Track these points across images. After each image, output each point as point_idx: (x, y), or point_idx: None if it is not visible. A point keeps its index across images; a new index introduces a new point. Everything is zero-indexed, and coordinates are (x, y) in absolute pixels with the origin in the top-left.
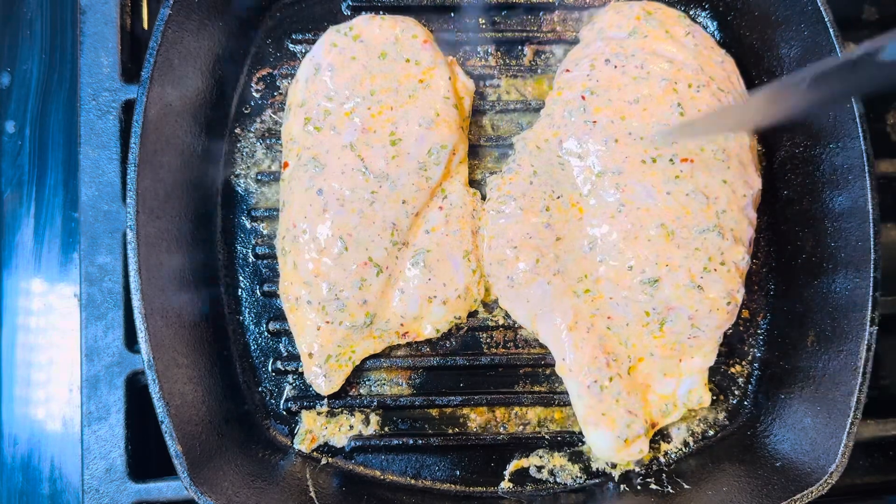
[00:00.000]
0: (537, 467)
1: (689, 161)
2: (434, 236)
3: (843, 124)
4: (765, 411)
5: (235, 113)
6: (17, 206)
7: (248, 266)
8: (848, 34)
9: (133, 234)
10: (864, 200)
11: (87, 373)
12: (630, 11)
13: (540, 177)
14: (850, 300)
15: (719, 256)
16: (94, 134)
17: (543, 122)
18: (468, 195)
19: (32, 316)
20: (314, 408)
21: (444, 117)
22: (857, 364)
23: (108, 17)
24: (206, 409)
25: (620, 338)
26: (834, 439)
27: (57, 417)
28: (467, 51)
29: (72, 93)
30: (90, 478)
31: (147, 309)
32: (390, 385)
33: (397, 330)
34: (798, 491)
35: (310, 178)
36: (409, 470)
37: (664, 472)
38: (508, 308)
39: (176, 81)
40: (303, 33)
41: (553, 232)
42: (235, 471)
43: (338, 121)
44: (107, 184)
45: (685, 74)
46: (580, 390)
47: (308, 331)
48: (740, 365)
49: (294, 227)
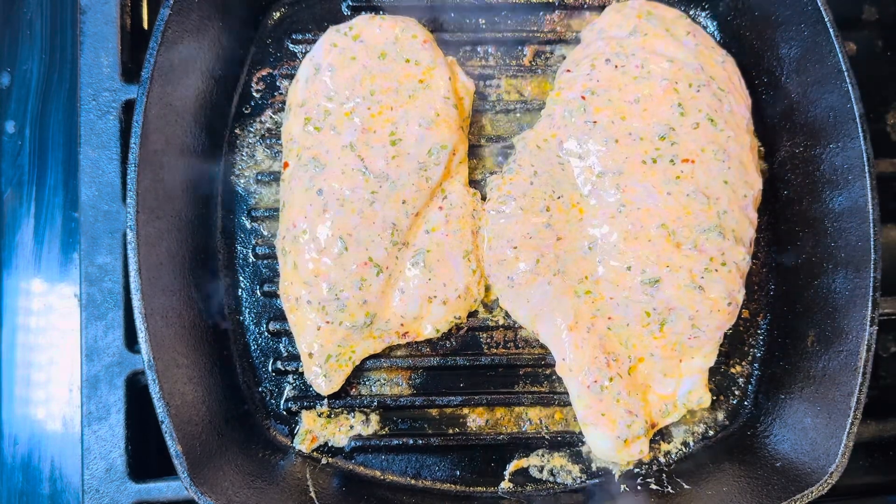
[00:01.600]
0: (537, 467)
1: (690, 161)
2: (434, 236)
3: (843, 124)
4: (765, 411)
5: (235, 113)
6: (17, 206)
7: (248, 266)
8: (848, 34)
9: (133, 234)
10: (864, 200)
11: (87, 373)
12: (630, 11)
13: (540, 177)
14: (850, 300)
15: (720, 257)
16: (94, 134)
17: (544, 123)
18: (468, 195)
19: (32, 316)
20: (314, 408)
21: (444, 117)
22: (857, 364)
23: (108, 17)
24: (206, 409)
25: (621, 338)
26: (834, 439)
27: (57, 417)
28: (467, 51)
29: (72, 93)
30: (90, 478)
31: (147, 309)
32: (390, 385)
33: (397, 330)
34: (798, 491)
35: (310, 178)
36: (409, 470)
37: (664, 472)
38: (509, 308)
39: (176, 81)
40: (303, 33)
41: (553, 232)
42: (235, 471)
43: (338, 121)
44: (107, 184)
45: (686, 74)
46: (580, 390)
47: (308, 331)
48: (740, 365)
49: (294, 227)
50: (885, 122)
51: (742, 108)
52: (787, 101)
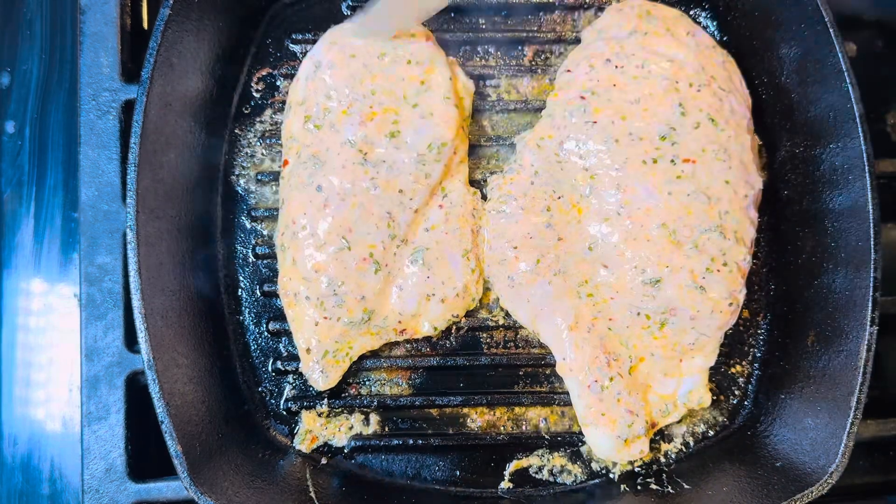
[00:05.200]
0: (537, 467)
1: (691, 161)
2: (433, 234)
3: (843, 124)
4: (765, 411)
5: (235, 113)
6: (17, 206)
7: (248, 266)
8: (848, 34)
9: (133, 234)
10: (864, 200)
11: (87, 373)
12: (631, 11)
13: (541, 177)
14: (850, 300)
15: (721, 257)
16: (94, 134)
17: (544, 123)
18: (468, 194)
19: (32, 316)
20: (314, 408)
21: (445, 117)
22: (857, 364)
23: (108, 17)
24: (206, 409)
25: (621, 338)
26: (834, 439)
27: (57, 417)
28: (467, 51)
29: (72, 93)
30: (90, 478)
31: (147, 309)
32: (390, 385)
33: (395, 327)
34: (798, 491)
35: (309, 175)
36: (409, 470)
37: (664, 472)
38: (509, 308)
39: (176, 81)
40: (303, 33)
41: (554, 232)
42: (235, 471)
43: (337, 119)
44: (107, 184)
45: (686, 73)
46: (581, 390)
47: (306, 326)
48: (740, 365)
49: (294, 224)
50: (885, 122)
51: (742, 107)
52: (787, 101)
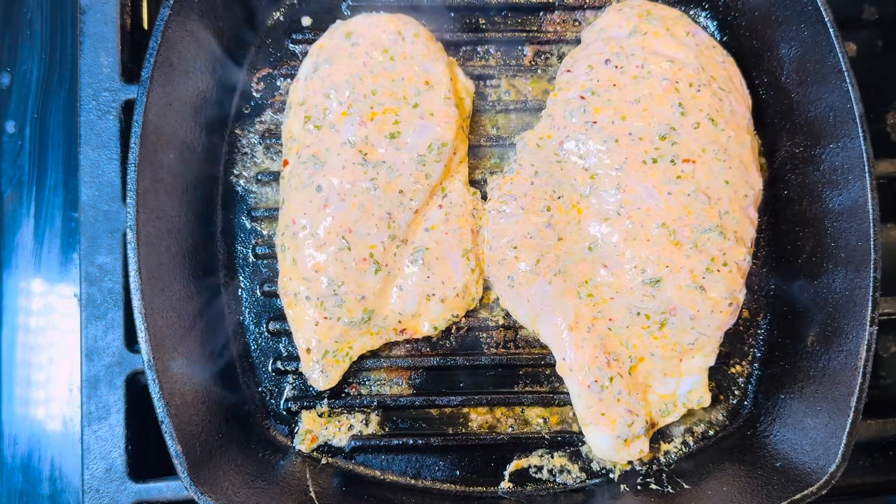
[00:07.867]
0: (537, 467)
1: (691, 161)
2: (433, 234)
3: (843, 124)
4: (765, 411)
5: (235, 113)
6: (17, 206)
7: (248, 266)
8: (848, 34)
9: (133, 234)
10: (864, 200)
11: (87, 373)
12: (630, 11)
13: (541, 177)
14: (850, 300)
15: (721, 257)
16: (94, 134)
17: (544, 123)
18: (468, 194)
19: (32, 316)
20: (314, 408)
21: (445, 117)
22: (857, 364)
23: (108, 17)
24: (206, 409)
25: (621, 338)
26: (834, 439)
27: (57, 417)
28: (467, 51)
29: (72, 93)
30: (90, 478)
31: (147, 309)
32: (390, 385)
33: (395, 327)
34: (798, 491)
35: (309, 175)
36: (409, 470)
37: (664, 472)
38: (509, 308)
39: (176, 81)
40: (303, 33)
41: (554, 232)
42: (235, 471)
43: (337, 119)
44: (107, 184)
45: (686, 74)
46: (580, 390)
47: (306, 326)
48: (740, 365)
49: (294, 224)
50: (885, 122)
51: (742, 107)
52: (787, 101)
